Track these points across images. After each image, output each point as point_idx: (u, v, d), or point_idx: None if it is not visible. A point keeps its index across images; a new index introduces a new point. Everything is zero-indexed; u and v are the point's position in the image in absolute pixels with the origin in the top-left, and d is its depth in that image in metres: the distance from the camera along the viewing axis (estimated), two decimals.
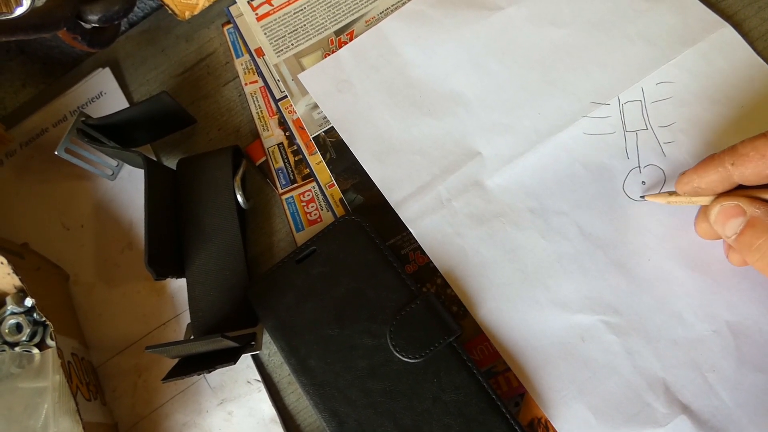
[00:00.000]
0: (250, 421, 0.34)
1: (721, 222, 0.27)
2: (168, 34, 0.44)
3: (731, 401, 0.28)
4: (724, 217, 0.27)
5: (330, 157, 0.38)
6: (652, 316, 0.30)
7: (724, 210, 0.27)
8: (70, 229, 0.40)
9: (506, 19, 0.37)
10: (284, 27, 0.41)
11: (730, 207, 0.26)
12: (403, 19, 0.39)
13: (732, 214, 0.26)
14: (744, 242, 0.26)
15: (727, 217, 0.26)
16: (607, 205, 0.33)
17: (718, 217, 0.27)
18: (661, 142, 0.33)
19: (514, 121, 0.35)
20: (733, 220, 0.26)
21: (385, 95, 0.37)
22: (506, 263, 0.33)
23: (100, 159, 0.39)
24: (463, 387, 0.29)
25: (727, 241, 0.27)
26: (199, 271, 0.35)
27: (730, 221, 0.26)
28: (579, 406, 0.30)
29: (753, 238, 0.25)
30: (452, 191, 0.35)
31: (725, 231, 0.27)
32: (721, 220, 0.27)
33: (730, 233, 0.26)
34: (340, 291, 0.32)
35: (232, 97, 0.42)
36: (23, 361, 0.35)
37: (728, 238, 0.27)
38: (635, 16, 0.35)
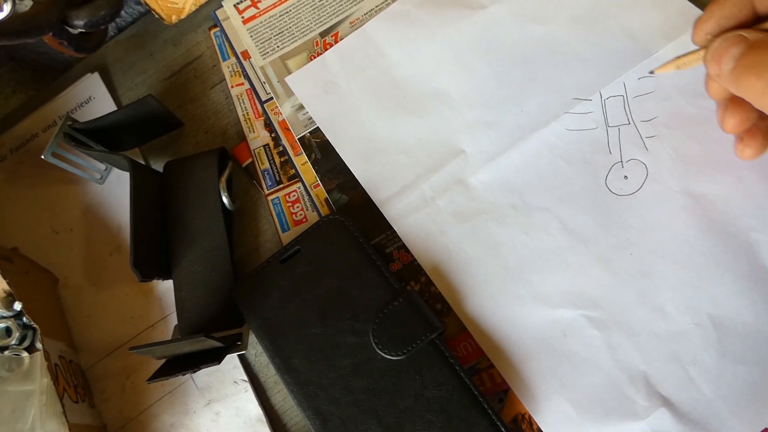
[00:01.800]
0: (237, 421, 0.34)
1: (718, 54, 0.24)
2: (156, 38, 0.45)
3: (712, 393, 0.28)
4: (724, 46, 0.24)
5: (315, 157, 0.38)
6: (634, 309, 0.30)
7: (724, 39, 0.24)
8: (59, 233, 0.40)
9: (489, 18, 0.37)
10: (270, 30, 0.42)
11: (731, 36, 0.24)
12: (387, 19, 0.39)
13: (733, 41, 0.24)
14: (742, 65, 0.23)
15: (728, 45, 0.24)
16: (589, 201, 0.33)
17: (718, 48, 0.24)
18: (643, 136, 0.33)
19: (497, 118, 0.35)
20: (733, 48, 0.24)
21: (370, 96, 0.38)
22: (489, 260, 0.33)
23: (88, 163, 0.40)
24: (446, 383, 0.29)
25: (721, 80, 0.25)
26: (185, 272, 0.35)
27: (730, 50, 0.24)
28: (560, 400, 0.30)
29: (754, 56, 0.23)
30: (436, 189, 0.35)
31: (721, 63, 0.24)
32: (720, 51, 0.24)
33: (727, 64, 0.24)
34: (324, 290, 0.32)
35: (219, 100, 0.42)
36: (12, 364, 0.35)
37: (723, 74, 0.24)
38: (617, 12, 0.35)
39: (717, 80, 0.25)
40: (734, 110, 0.27)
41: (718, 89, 0.27)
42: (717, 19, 0.25)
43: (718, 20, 0.25)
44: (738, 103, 0.27)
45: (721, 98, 0.28)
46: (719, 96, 0.28)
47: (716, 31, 0.25)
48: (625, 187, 0.32)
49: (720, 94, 0.27)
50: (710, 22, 0.26)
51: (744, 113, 0.27)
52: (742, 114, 0.27)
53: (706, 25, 0.26)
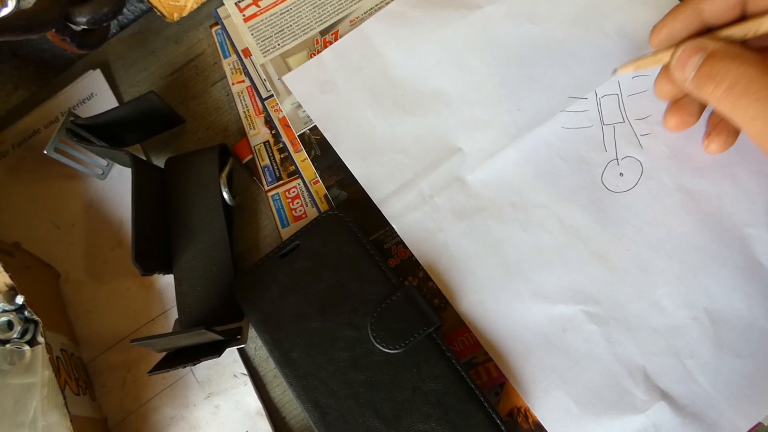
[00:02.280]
0: (237, 414, 0.34)
1: (682, 63, 0.26)
2: (157, 35, 0.45)
3: (710, 386, 0.29)
4: (686, 56, 0.26)
5: (315, 154, 0.38)
6: (631, 305, 0.31)
7: (686, 48, 0.26)
8: (61, 228, 0.41)
9: (485, 18, 0.38)
10: (271, 28, 0.42)
11: (692, 46, 0.26)
12: (384, 20, 0.40)
13: (694, 51, 0.26)
14: (703, 74, 0.25)
15: (690, 54, 0.26)
16: (586, 197, 0.33)
17: (680, 58, 0.26)
18: (638, 134, 0.33)
19: (494, 116, 0.36)
20: (694, 58, 0.26)
21: (367, 95, 0.38)
22: (488, 256, 0.33)
23: (89, 159, 0.40)
24: (442, 377, 0.29)
25: (684, 85, 0.27)
26: (186, 267, 0.36)
27: (691, 58, 0.26)
28: (560, 394, 0.30)
29: (713, 67, 0.25)
30: (434, 187, 0.35)
31: (685, 71, 0.26)
32: (683, 61, 0.26)
33: (689, 72, 0.26)
34: (323, 285, 0.32)
35: (220, 97, 0.42)
36: (14, 357, 0.35)
37: (686, 81, 0.27)
38: (611, 12, 0.36)
39: (681, 85, 0.27)
40: (677, 111, 0.30)
41: (666, 91, 0.30)
42: (669, 30, 0.28)
43: (670, 30, 0.28)
44: (681, 105, 0.30)
45: (668, 98, 0.30)
46: (667, 96, 0.30)
47: (667, 40, 0.28)
48: (621, 184, 0.33)
49: (668, 94, 0.30)
50: (663, 32, 0.29)
51: (686, 116, 0.30)
52: (684, 116, 0.30)
53: (660, 33, 0.29)
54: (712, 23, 0.27)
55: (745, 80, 0.24)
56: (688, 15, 0.27)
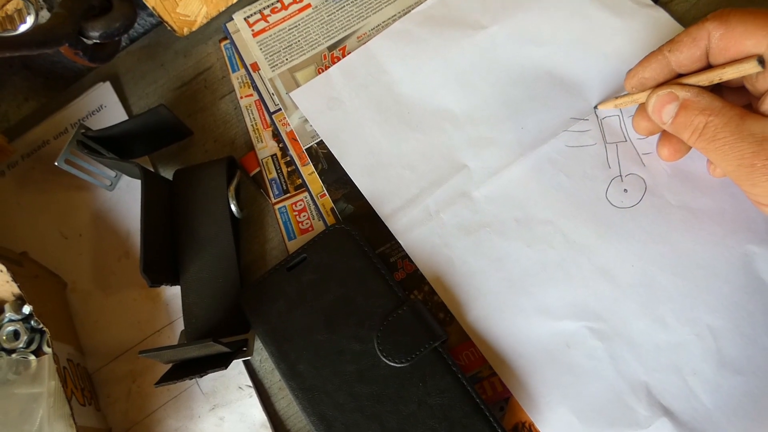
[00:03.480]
0: (241, 426, 0.34)
1: (658, 110, 0.29)
2: (167, 49, 0.46)
3: (711, 403, 0.29)
4: (660, 105, 0.29)
5: (322, 167, 0.39)
6: (635, 321, 0.31)
7: (659, 98, 0.29)
8: (68, 238, 0.41)
9: (489, 38, 0.38)
10: (279, 43, 0.43)
11: (664, 94, 0.29)
12: (390, 38, 0.40)
13: (667, 100, 0.29)
14: (679, 123, 0.28)
15: (663, 104, 0.29)
16: (590, 213, 0.33)
17: (655, 105, 0.29)
18: (640, 153, 0.34)
19: (498, 135, 0.36)
20: (668, 106, 0.29)
21: (374, 112, 0.39)
22: (493, 272, 0.34)
23: (99, 170, 0.41)
24: (448, 391, 0.30)
25: (664, 128, 0.30)
26: (193, 278, 0.36)
27: (665, 108, 0.29)
28: (564, 410, 0.30)
29: (686, 118, 0.28)
30: (440, 203, 0.36)
31: (662, 117, 0.29)
32: (658, 108, 0.29)
33: (666, 119, 0.29)
34: (330, 297, 0.33)
35: (228, 110, 0.43)
36: (20, 367, 0.36)
37: (665, 125, 0.29)
38: (612, 35, 0.36)
39: (663, 127, 0.30)
40: (668, 143, 0.32)
41: (644, 127, 0.32)
42: (639, 79, 0.31)
43: (640, 79, 0.31)
44: (669, 139, 0.32)
45: (645, 134, 0.33)
46: (645, 132, 0.33)
47: (640, 85, 0.31)
48: (625, 200, 0.33)
49: (645, 130, 0.32)
50: (634, 79, 0.31)
51: (676, 145, 0.32)
52: (675, 146, 0.32)
53: (632, 80, 0.31)
54: (679, 72, 0.30)
55: (712, 129, 0.27)
56: (657, 65, 0.30)
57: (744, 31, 0.26)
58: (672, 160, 0.32)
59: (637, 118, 0.32)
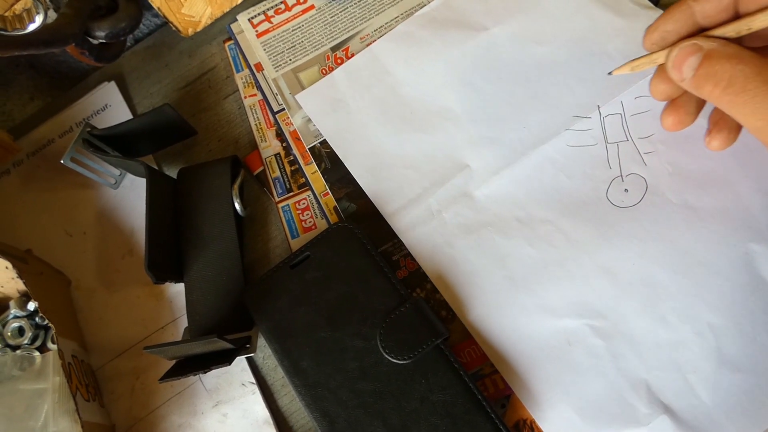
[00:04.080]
0: (244, 422, 0.34)
1: (678, 64, 0.26)
2: (171, 49, 0.46)
3: (711, 401, 0.29)
4: (682, 57, 0.26)
5: (325, 166, 0.39)
6: (636, 319, 0.31)
7: (682, 50, 0.26)
8: (72, 236, 0.41)
9: (491, 39, 0.39)
10: (283, 43, 0.43)
11: (687, 46, 0.26)
12: (393, 40, 0.41)
13: (690, 51, 0.26)
14: (701, 75, 0.26)
15: (685, 55, 0.26)
16: (591, 213, 0.34)
17: (677, 59, 0.26)
18: (641, 152, 0.34)
19: (500, 134, 0.37)
20: (690, 59, 0.26)
21: (377, 113, 0.39)
22: (495, 270, 0.34)
23: (103, 168, 0.41)
24: (450, 388, 0.30)
25: (683, 85, 0.27)
26: (197, 276, 0.36)
27: (687, 60, 0.26)
28: (565, 407, 0.31)
29: (710, 67, 0.25)
30: (442, 203, 0.36)
31: (683, 72, 0.26)
32: (679, 61, 0.26)
33: (687, 73, 0.26)
34: (333, 295, 0.33)
35: (232, 110, 0.43)
36: (24, 363, 0.36)
37: (684, 81, 0.27)
38: (614, 34, 0.37)
39: (680, 84, 0.27)
40: (674, 110, 0.30)
41: (661, 91, 0.30)
42: (661, 33, 0.28)
43: (663, 32, 0.28)
44: (678, 105, 0.30)
45: (665, 98, 0.30)
46: (663, 96, 0.30)
47: (661, 41, 0.28)
48: (626, 200, 0.33)
49: (663, 94, 0.30)
50: (656, 34, 0.29)
51: (683, 115, 0.30)
52: (681, 115, 0.30)
53: (653, 35, 0.29)
54: (704, 24, 0.27)
55: (741, 78, 0.24)
56: (681, 17, 0.27)
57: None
58: (676, 129, 0.31)
59: (656, 81, 0.30)
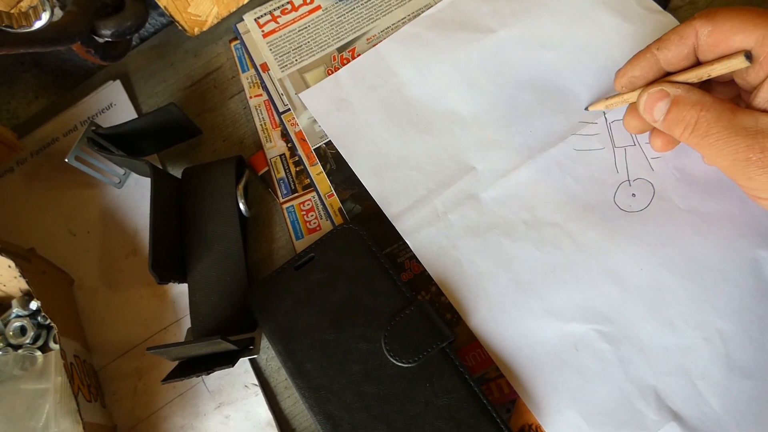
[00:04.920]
0: (247, 424, 0.34)
1: (649, 108, 0.29)
2: (177, 49, 0.46)
3: (720, 408, 0.29)
4: (651, 102, 0.29)
5: (330, 168, 0.39)
6: (644, 324, 0.31)
7: (650, 96, 0.29)
8: (76, 235, 0.41)
9: (498, 42, 0.39)
10: (289, 44, 0.43)
11: (655, 92, 0.29)
12: (399, 41, 0.41)
13: (658, 97, 0.29)
14: (670, 120, 0.28)
15: (654, 101, 0.29)
16: (598, 217, 0.33)
17: (647, 104, 0.29)
18: (648, 157, 0.34)
19: (507, 137, 0.36)
20: (659, 104, 0.29)
21: (382, 113, 0.39)
22: (501, 273, 0.34)
23: (108, 167, 0.41)
24: (455, 392, 0.29)
25: (656, 126, 0.30)
26: (200, 276, 0.36)
27: (657, 105, 0.29)
28: (572, 413, 0.30)
29: (678, 114, 0.28)
30: (448, 204, 0.36)
31: (654, 115, 0.29)
32: (650, 106, 0.29)
33: (658, 116, 0.29)
34: (337, 297, 0.33)
35: (237, 110, 0.43)
36: (26, 363, 0.36)
37: (656, 123, 0.29)
38: (620, 40, 0.37)
39: (655, 125, 0.30)
40: (659, 135, 0.32)
41: (634, 126, 0.32)
42: (629, 78, 0.31)
43: (630, 78, 0.31)
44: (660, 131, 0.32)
45: (637, 132, 0.33)
46: (636, 131, 0.33)
47: (630, 84, 0.31)
48: (633, 204, 0.33)
49: (636, 129, 0.32)
50: (624, 79, 0.31)
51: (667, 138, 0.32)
52: (666, 138, 0.32)
53: (622, 80, 0.32)
54: (668, 69, 0.30)
55: (705, 124, 0.27)
56: (646, 63, 0.30)
57: (731, 27, 0.26)
58: (665, 150, 0.33)
59: (628, 117, 0.32)
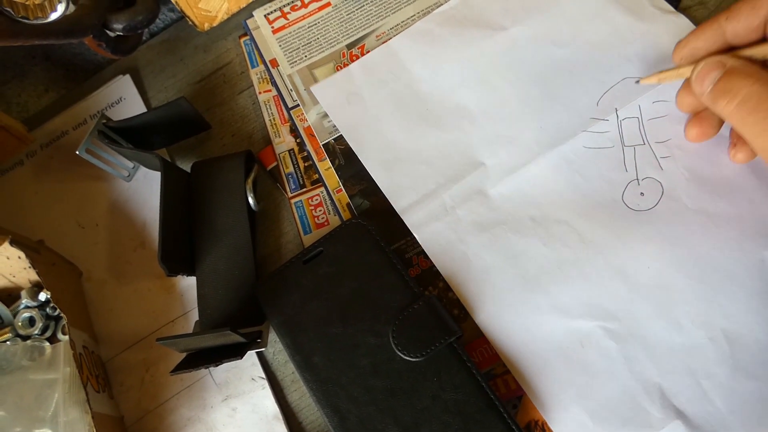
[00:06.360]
0: (254, 417, 0.34)
1: (701, 77, 0.28)
2: (187, 44, 0.46)
3: (724, 407, 0.29)
4: (705, 71, 0.28)
5: (338, 163, 0.39)
6: (650, 322, 0.31)
7: (707, 65, 0.28)
8: (85, 228, 0.41)
9: (510, 39, 0.39)
10: (298, 40, 0.43)
11: (713, 62, 0.28)
12: (411, 36, 0.41)
13: (714, 67, 0.27)
14: (719, 89, 0.27)
15: (709, 69, 0.28)
16: (607, 214, 0.34)
17: (701, 72, 0.28)
18: (658, 156, 0.34)
19: (516, 133, 0.36)
20: (713, 72, 0.27)
21: (393, 108, 0.39)
22: (508, 269, 0.34)
23: (117, 160, 0.41)
24: (463, 386, 0.30)
25: (702, 99, 0.28)
26: (209, 269, 0.36)
27: (710, 74, 0.27)
28: (577, 409, 0.30)
29: (728, 83, 0.27)
30: (456, 199, 0.36)
31: (704, 85, 0.28)
32: (703, 74, 0.28)
33: (707, 86, 0.28)
34: (345, 291, 0.33)
35: (246, 105, 0.43)
36: (35, 353, 0.36)
37: (703, 95, 0.28)
38: (633, 38, 0.37)
39: (699, 98, 0.29)
40: (698, 122, 0.31)
41: (687, 103, 0.31)
42: (690, 48, 0.30)
43: (692, 48, 0.30)
44: (701, 119, 0.31)
45: (689, 111, 0.32)
46: (688, 109, 0.32)
47: (690, 56, 0.30)
48: (641, 203, 0.33)
49: (689, 107, 0.31)
50: (686, 49, 0.30)
51: (706, 127, 0.31)
52: (705, 128, 0.31)
53: (683, 51, 0.30)
54: (734, 43, 0.28)
55: (755, 98, 0.25)
56: (711, 34, 0.29)
57: None
58: (699, 140, 0.32)
59: (682, 93, 0.31)
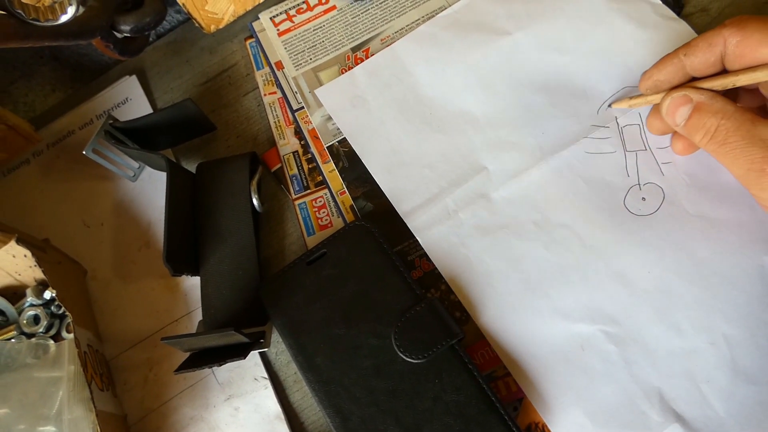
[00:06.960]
0: (256, 417, 0.35)
1: (671, 112, 0.30)
2: (193, 45, 0.47)
3: (724, 412, 0.29)
4: (674, 107, 0.30)
5: (342, 165, 0.39)
6: (650, 326, 0.31)
7: (674, 100, 0.30)
8: (90, 227, 0.42)
9: (513, 44, 0.39)
10: (304, 42, 0.44)
11: (679, 97, 0.30)
12: (415, 40, 0.41)
13: (681, 102, 0.30)
14: (691, 125, 0.29)
15: (677, 105, 0.30)
16: (608, 219, 0.34)
17: (669, 107, 0.30)
18: (659, 162, 0.34)
19: (519, 139, 0.37)
20: (682, 108, 0.30)
21: (396, 111, 0.39)
22: (510, 273, 0.34)
23: (123, 160, 0.41)
24: (464, 388, 0.30)
25: (677, 129, 0.31)
26: (213, 270, 0.37)
27: (679, 109, 0.30)
28: (576, 412, 0.31)
29: (699, 120, 0.29)
30: (459, 203, 0.36)
31: (675, 119, 0.30)
32: (672, 110, 0.30)
33: (679, 120, 0.30)
34: (348, 292, 0.33)
35: (251, 107, 0.44)
36: (39, 351, 0.36)
37: (677, 126, 0.30)
38: (635, 47, 0.37)
39: (676, 129, 0.31)
40: (682, 138, 0.33)
41: (656, 127, 0.33)
42: (654, 81, 0.32)
43: (655, 81, 0.32)
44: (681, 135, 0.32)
45: (660, 134, 0.34)
46: (658, 132, 0.34)
47: (654, 87, 0.32)
48: (643, 208, 0.34)
49: (658, 130, 0.34)
50: (649, 81, 0.32)
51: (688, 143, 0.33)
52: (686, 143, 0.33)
53: (647, 82, 0.32)
54: (694, 75, 0.30)
55: (724, 132, 0.28)
56: (672, 68, 0.31)
57: (760, 39, 0.27)
58: (685, 154, 0.33)
59: (651, 118, 0.33)
